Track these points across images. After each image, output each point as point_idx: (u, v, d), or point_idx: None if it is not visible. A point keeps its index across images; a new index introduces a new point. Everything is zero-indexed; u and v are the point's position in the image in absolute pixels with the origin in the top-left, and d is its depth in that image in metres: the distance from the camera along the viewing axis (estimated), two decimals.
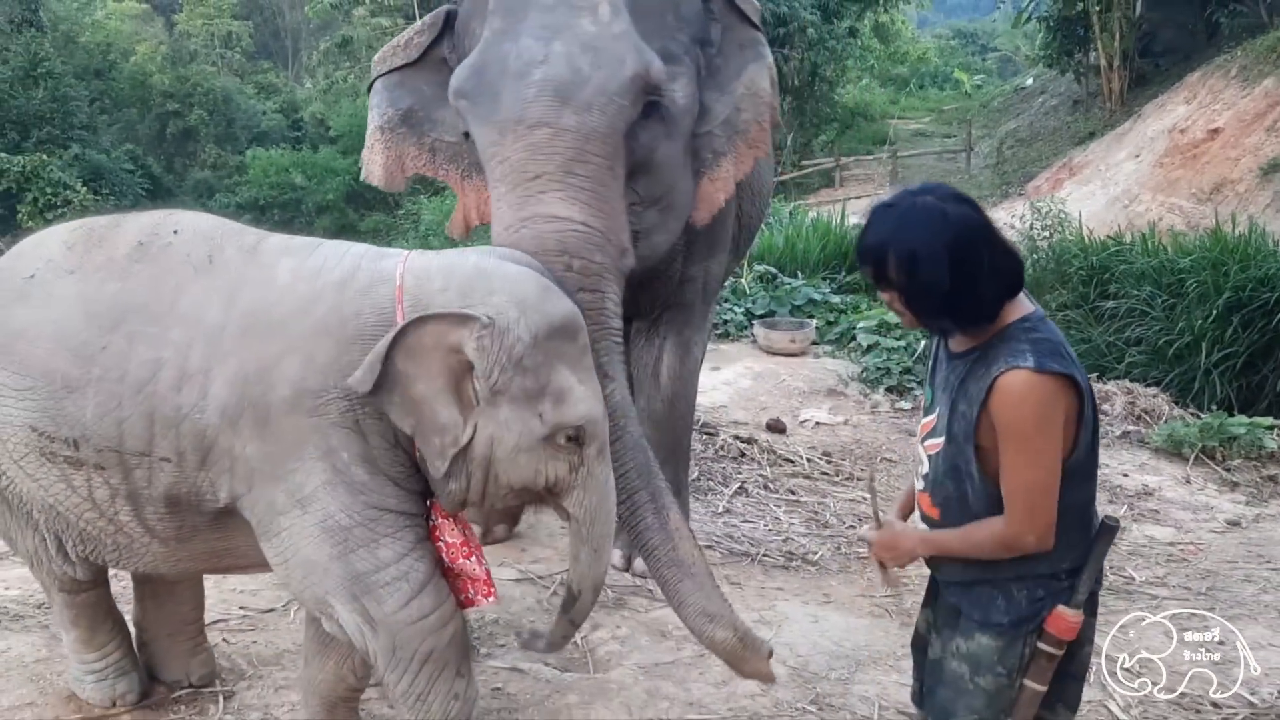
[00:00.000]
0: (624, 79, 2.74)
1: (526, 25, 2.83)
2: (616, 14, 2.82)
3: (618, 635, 3.39)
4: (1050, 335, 1.86)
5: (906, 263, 1.80)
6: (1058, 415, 1.82)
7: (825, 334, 7.59)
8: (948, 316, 1.88)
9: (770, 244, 8.91)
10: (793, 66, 17.78)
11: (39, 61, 19.43)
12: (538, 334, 2.11)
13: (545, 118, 2.70)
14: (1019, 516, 1.85)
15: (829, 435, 6.12)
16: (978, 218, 1.85)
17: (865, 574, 4.18)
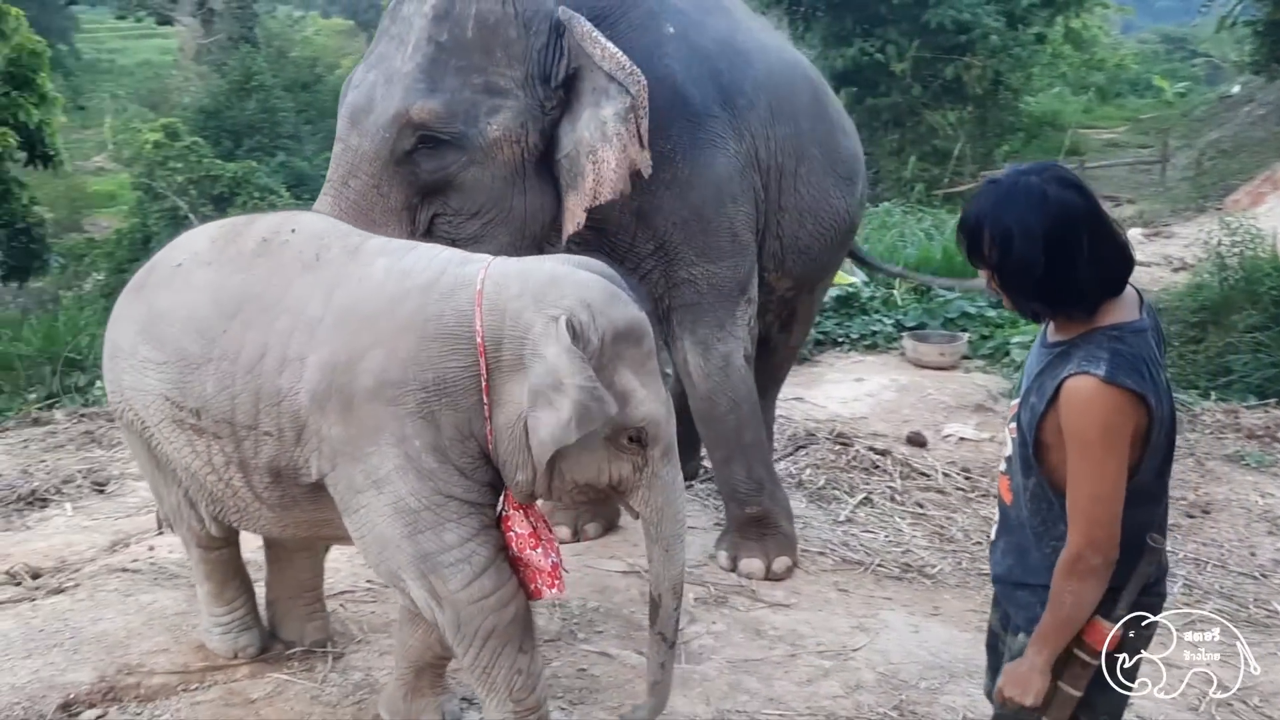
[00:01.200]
0: (388, 115, 3.19)
1: (372, 53, 3.39)
2: (415, 52, 3.25)
3: (713, 630, 3.48)
4: (1135, 349, 1.81)
5: (1001, 240, 1.78)
6: (1125, 430, 1.78)
7: (978, 348, 7.41)
8: (1040, 300, 1.84)
9: (926, 256, 8.75)
10: (973, 75, 17.29)
11: (252, 75, 20.95)
12: (605, 337, 2.24)
13: (342, 134, 3.28)
14: (1079, 529, 1.82)
15: (971, 451, 5.99)
16: (1082, 202, 1.79)
17: (983, 591, 4.12)
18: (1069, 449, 1.80)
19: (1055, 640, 1.89)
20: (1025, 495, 1.94)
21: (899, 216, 11.58)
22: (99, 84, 31.50)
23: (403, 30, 3.28)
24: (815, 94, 4.07)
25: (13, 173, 10.50)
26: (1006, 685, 1.95)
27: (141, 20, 25.93)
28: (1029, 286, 1.82)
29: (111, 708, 2.68)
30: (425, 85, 3.19)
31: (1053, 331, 1.92)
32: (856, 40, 16.91)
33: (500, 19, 3.26)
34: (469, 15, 3.24)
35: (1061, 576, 1.84)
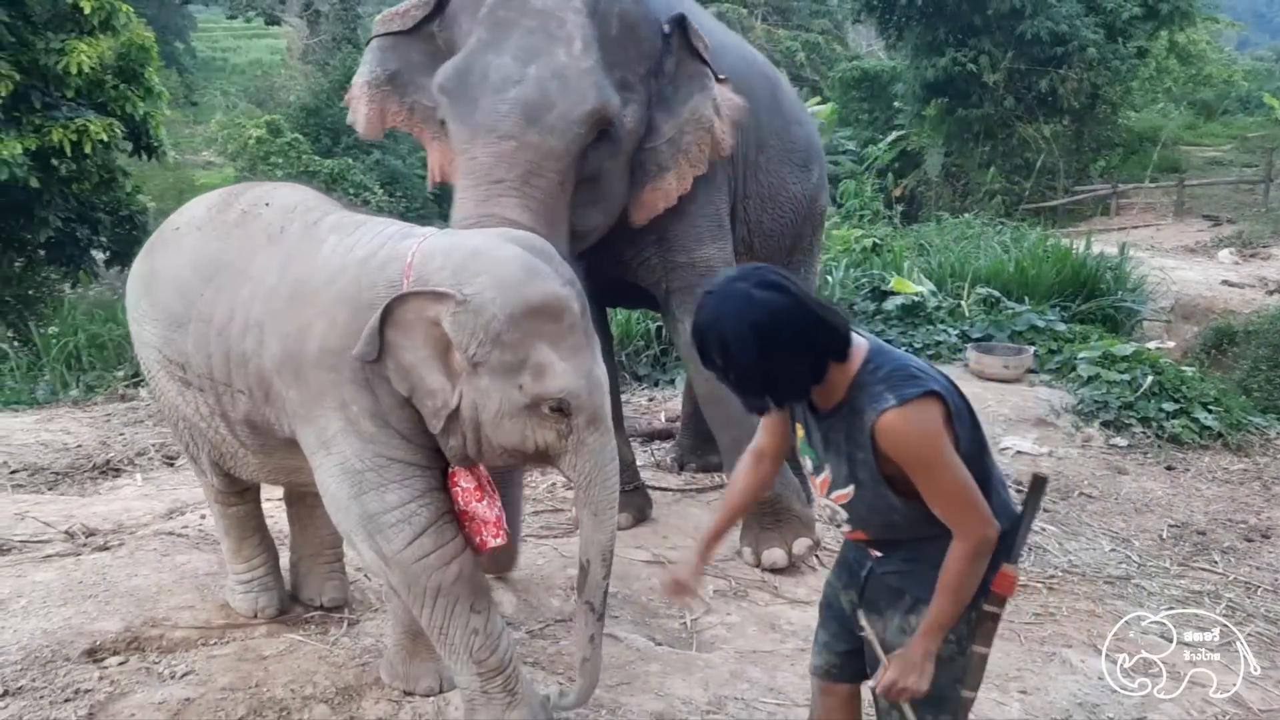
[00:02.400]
0: (584, 111, 3.20)
1: (509, 44, 3.30)
2: (587, 49, 3.28)
3: (727, 622, 3.52)
4: (894, 363, 1.97)
5: (721, 349, 1.90)
6: (939, 426, 1.92)
7: (1045, 362, 7.28)
8: (770, 394, 1.98)
9: (999, 268, 8.62)
10: (1070, 88, 16.93)
11: (352, 75, 21.60)
12: (513, 312, 2.30)
13: (513, 131, 3.18)
14: (966, 523, 1.94)
15: (1028, 466, 5.89)
16: (785, 300, 1.89)
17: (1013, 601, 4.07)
18: (913, 473, 1.93)
19: (948, 626, 2.00)
20: (894, 528, 2.04)
21: (977, 229, 11.41)
22: (212, 81, 32.71)
23: (549, 25, 3.31)
24: (772, 89, 4.34)
25: (118, 162, 10.96)
26: (903, 676, 2.01)
27: (251, 21, 26.86)
28: (756, 386, 1.95)
29: (133, 656, 2.84)
30: (608, 82, 3.31)
31: (823, 402, 2.02)
32: (949, 50, 16.70)
33: (637, 18, 3.47)
34: (613, 13, 3.40)
35: (963, 565, 1.95)
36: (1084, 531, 5.12)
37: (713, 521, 2.36)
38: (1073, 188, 18.33)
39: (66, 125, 9.45)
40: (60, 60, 9.42)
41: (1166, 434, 6.29)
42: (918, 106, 18.17)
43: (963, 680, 2.06)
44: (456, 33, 3.54)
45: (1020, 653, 3.53)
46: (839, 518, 2.11)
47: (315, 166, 19.18)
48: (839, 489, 2.05)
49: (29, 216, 9.85)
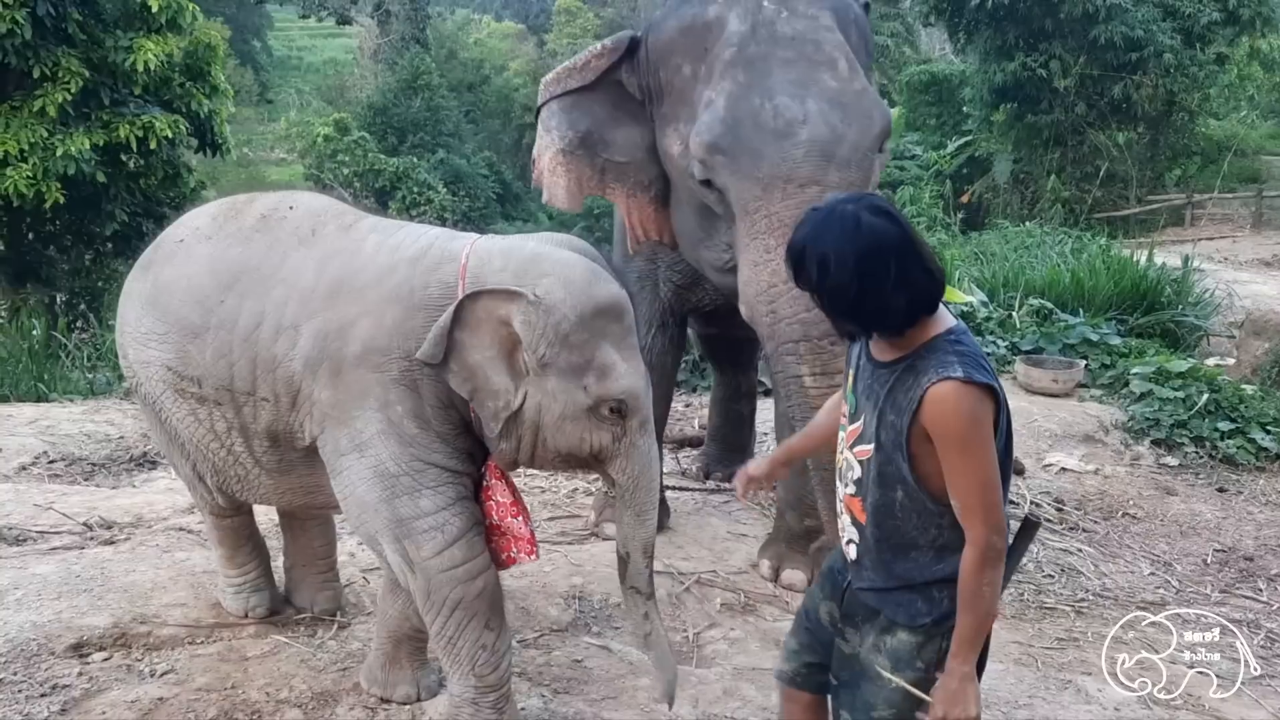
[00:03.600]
0: (874, 134, 3.00)
1: (776, 81, 3.03)
2: (853, 69, 3.05)
3: (730, 636, 3.45)
4: (973, 349, 1.92)
5: (819, 265, 1.85)
6: (989, 421, 1.87)
7: (1097, 377, 7.05)
8: (854, 321, 1.93)
9: (1054, 279, 8.38)
10: (1144, 94, 16.45)
11: (420, 74, 21.89)
12: (583, 313, 2.32)
13: (815, 176, 2.94)
14: (980, 520, 1.88)
15: (1072, 483, 5.73)
16: (893, 229, 1.86)
17: (1038, 625, 3.94)
18: (946, 451, 1.87)
19: (979, 640, 1.93)
20: (889, 508, 1.98)
21: (1039, 237, 11.14)
22: (287, 79, 33.41)
23: (806, 50, 3.09)
24: None
25: (183, 158, 11.22)
26: (948, 708, 1.92)
27: (323, 20, 27.34)
28: (844, 308, 1.90)
29: (118, 652, 2.85)
30: (880, 99, 3.16)
31: (883, 352, 1.98)
32: (1019, 54, 16.34)
33: (862, 21, 3.34)
34: (850, 19, 3.26)
35: (976, 572, 1.88)
36: (1123, 554, 4.94)
37: (792, 441, 2.39)
38: (1146, 197, 17.83)
39: (133, 122, 9.70)
40: (128, 58, 9.67)
41: (1220, 454, 6.06)
42: (986, 111, 17.82)
43: (922, 706, 2.00)
44: (668, 74, 3.32)
45: (1034, 679, 3.40)
46: (850, 475, 2.05)
47: (380, 164, 19.49)
48: (863, 444, 2.01)
49: (97, 210, 10.13)
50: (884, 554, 2.02)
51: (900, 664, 1.99)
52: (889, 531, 1.99)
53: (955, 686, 1.92)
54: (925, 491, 1.93)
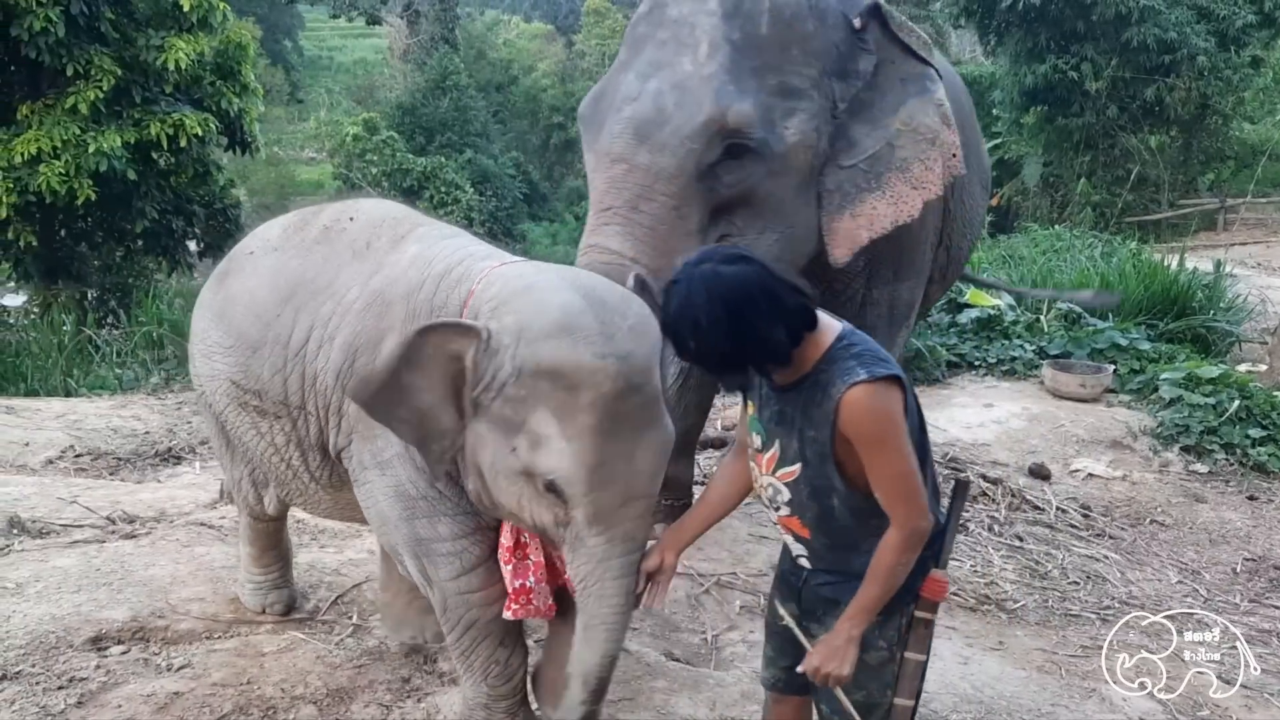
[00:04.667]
0: (697, 123, 2.85)
1: (638, 60, 3.02)
2: (713, 53, 2.90)
3: (749, 639, 3.42)
4: (866, 345, 1.99)
5: (692, 330, 1.88)
6: (900, 411, 1.94)
7: (1126, 382, 6.97)
8: (745, 366, 1.96)
9: (1083, 283, 8.30)
10: (1177, 97, 16.25)
11: (448, 74, 21.97)
12: (522, 367, 2.05)
13: (625, 154, 2.91)
14: (904, 510, 1.96)
15: (1098, 489, 5.67)
16: (751, 270, 1.91)
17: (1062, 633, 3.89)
18: (866, 451, 1.94)
19: (875, 610, 2.01)
20: (829, 516, 2.04)
21: (1069, 241, 11.03)
22: (318, 79, 33.64)
23: (680, 33, 2.99)
24: (969, 103, 3.90)
25: (213, 156, 11.30)
26: (824, 661, 2.01)
27: (353, 20, 27.48)
28: (730, 359, 1.92)
29: (135, 646, 2.86)
30: (734, 88, 2.90)
31: (783, 376, 2.01)
32: (1050, 56, 16.18)
33: (796, 12, 3.01)
34: (762, 10, 2.98)
35: (895, 552, 1.97)
36: (1150, 561, 4.88)
37: (689, 520, 2.33)
38: (1178, 201, 17.62)
39: (164, 120, 9.77)
40: (160, 56, 9.75)
41: (1251, 462, 5.98)
42: (1016, 114, 17.66)
43: (895, 687, 2.08)
44: None
45: (1058, 686, 3.35)
46: (780, 498, 2.10)
47: (408, 164, 19.56)
48: (785, 466, 2.06)
49: (127, 208, 10.22)
50: (836, 555, 2.09)
51: (864, 646, 2.04)
52: (835, 535, 2.06)
53: (839, 645, 2.00)
54: (857, 491, 2.00)
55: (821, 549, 2.10)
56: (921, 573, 2.05)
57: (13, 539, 3.50)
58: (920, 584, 2.06)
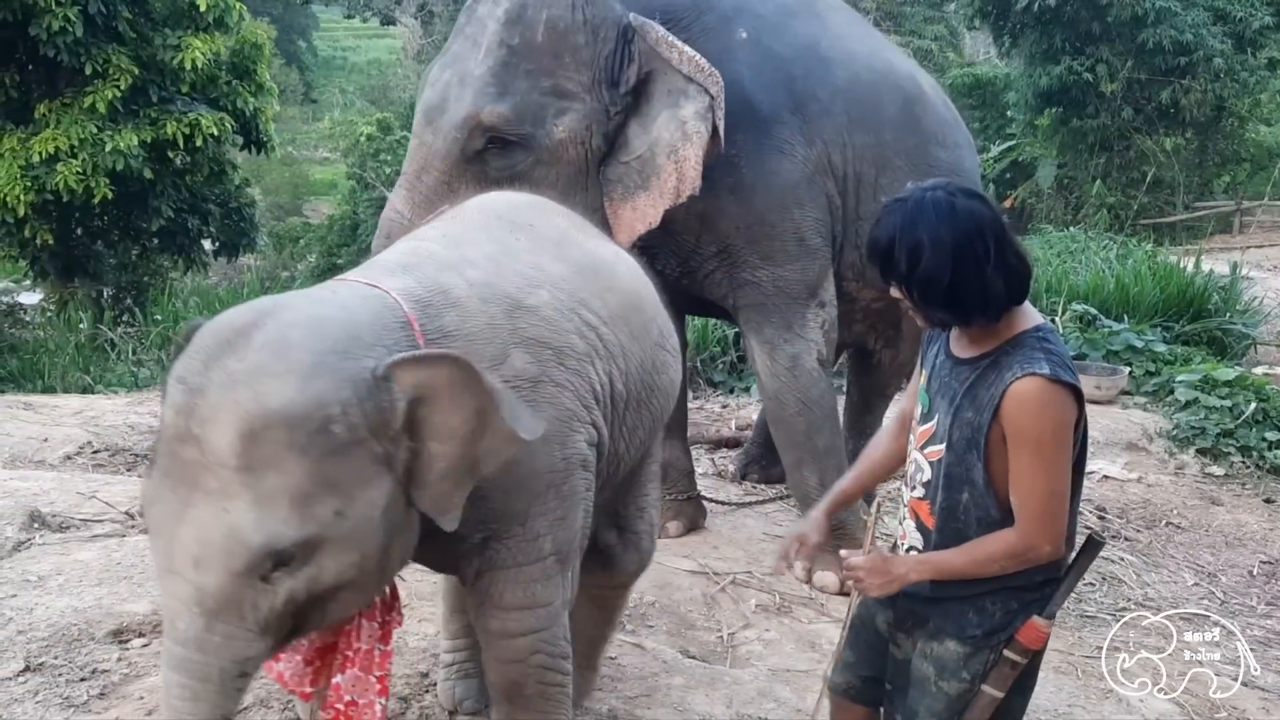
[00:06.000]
0: (460, 117, 3.29)
1: (449, 50, 3.48)
2: (487, 56, 3.32)
3: (764, 638, 3.43)
4: (1060, 349, 1.87)
5: (911, 252, 1.79)
6: (1070, 424, 1.81)
7: (1141, 385, 6.96)
8: (949, 308, 1.85)
9: (1098, 285, 8.27)
10: (1192, 99, 16.19)
11: None
12: None
13: (417, 130, 3.44)
14: (1033, 526, 1.83)
15: (1114, 491, 5.66)
16: (988, 212, 1.83)
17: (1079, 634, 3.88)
18: (1018, 450, 1.81)
19: (947, 575, 1.91)
20: (953, 511, 1.92)
21: (1083, 243, 11.00)
22: (332, 79, 33.73)
23: (476, 31, 3.39)
24: (905, 103, 3.95)
25: (229, 156, 11.34)
26: (869, 572, 1.93)
27: (368, 20, 27.59)
28: (938, 295, 1.83)
29: (156, 639, 2.85)
30: (495, 89, 3.29)
31: (963, 348, 1.93)
32: (1065, 58, 16.14)
33: (570, 25, 3.34)
34: (539, 20, 3.32)
35: (1000, 550, 1.86)
36: (1167, 563, 4.87)
37: (843, 483, 2.26)
38: (1193, 204, 17.55)
39: (180, 119, 9.81)
40: (176, 56, 9.79)
41: (1268, 465, 5.98)
42: (1031, 116, 17.62)
43: (964, 716, 1.97)
44: None
45: (1075, 688, 3.35)
46: (920, 476, 1.99)
47: None
48: (934, 444, 1.95)
49: (144, 206, 10.26)
50: None
51: (945, 673, 1.95)
52: (950, 536, 1.94)
53: (891, 570, 1.92)
54: (992, 494, 1.87)
55: (934, 546, 1.97)
56: (1024, 614, 1.91)
57: (34, 533, 3.52)
58: (1019, 627, 1.91)
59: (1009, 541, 1.84)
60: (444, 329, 1.90)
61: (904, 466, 2.07)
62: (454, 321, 1.93)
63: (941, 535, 1.95)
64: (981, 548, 1.87)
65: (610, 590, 2.69)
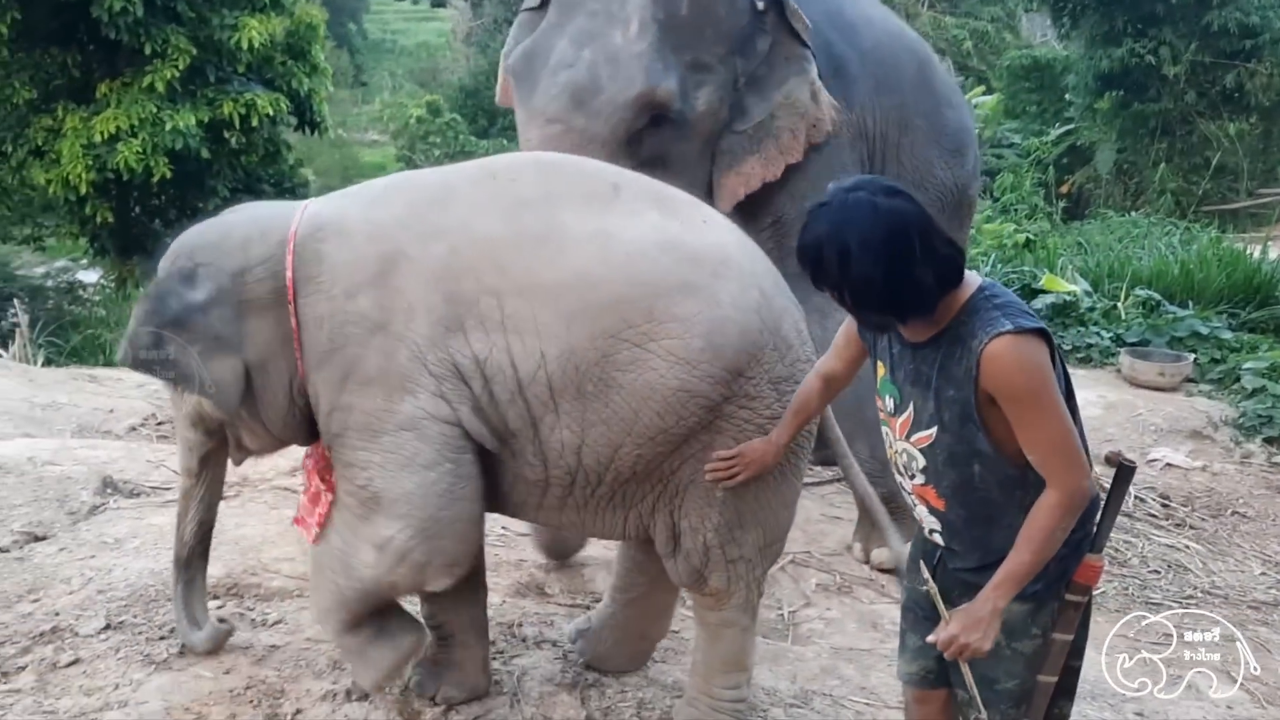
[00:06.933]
0: (630, 96, 3.19)
1: (571, 27, 3.30)
2: (643, 32, 3.24)
3: (826, 616, 3.41)
4: (1009, 297, 1.87)
5: (841, 256, 1.78)
6: (1049, 366, 1.82)
7: (1206, 372, 6.82)
8: (888, 310, 1.85)
9: (1162, 270, 8.11)
10: (1258, 83, 15.78)
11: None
12: None
13: (560, 115, 3.20)
14: (1062, 473, 1.82)
15: (1178, 479, 5.56)
16: (911, 208, 1.82)
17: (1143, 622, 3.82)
18: (1015, 407, 1.81)
19: (1023, 581, 1.85)
20: (969, 485, 1.91)
21: (1145, 228, 10.79)
22: (381, 62, 33.90)
23: (611, 7, 3.31)
24: (920, 66, 4.07)
25: (283, 136, 11.46)
26: (964, 630, 1.86)
27: (419, 3, 27.70)
28: (872, 298, 1.82)
29: (230, 601, 2.93)
30: (661, 65, 3.26)
31: (916, 334, 1.92)
32: (1127, 40, 15.77)
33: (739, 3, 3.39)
34: None
35: (1053, 515, 1.82)
36: (1233, 552, 4.78)
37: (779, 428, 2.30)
38: (1257, 190, 17.13)
39: (237, 99, 9.94)
40: (233, 36, 9.91)
41: None
42: (1090, 99, 17.25)
43: (1042, 667, 1.97)
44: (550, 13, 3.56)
45: (1143, 673, 3.29)
46: (914, 465, 1.97)
47: (471, 146, 19.62)
48: (920, 430, 1.93)
49: (200, 185, 10.42)
50: (975, 531, 1.95)
51: (1015, 634, 1.93)
52: (974, 508, 1.93)
53: (982, 615, 1.85)
54: (1003, 457, 1.86)
55: (958, 523, 1.96)
56: (1076, 557, 1.92)
57: (107, 498, 3.59)
58: (1074, 568, 1.92)
59: (1051, 504, 1.81)
60: (319, 253, 2.22)
61: (888, 453, 2.07)
62: (329, 249, 2.21)
63: (963, 508, 1.94)
64: (1035, 530, 1.83)
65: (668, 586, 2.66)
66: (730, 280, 2.27)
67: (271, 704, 2.46)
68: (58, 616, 2.79)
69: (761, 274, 2.39)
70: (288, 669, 2.60)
